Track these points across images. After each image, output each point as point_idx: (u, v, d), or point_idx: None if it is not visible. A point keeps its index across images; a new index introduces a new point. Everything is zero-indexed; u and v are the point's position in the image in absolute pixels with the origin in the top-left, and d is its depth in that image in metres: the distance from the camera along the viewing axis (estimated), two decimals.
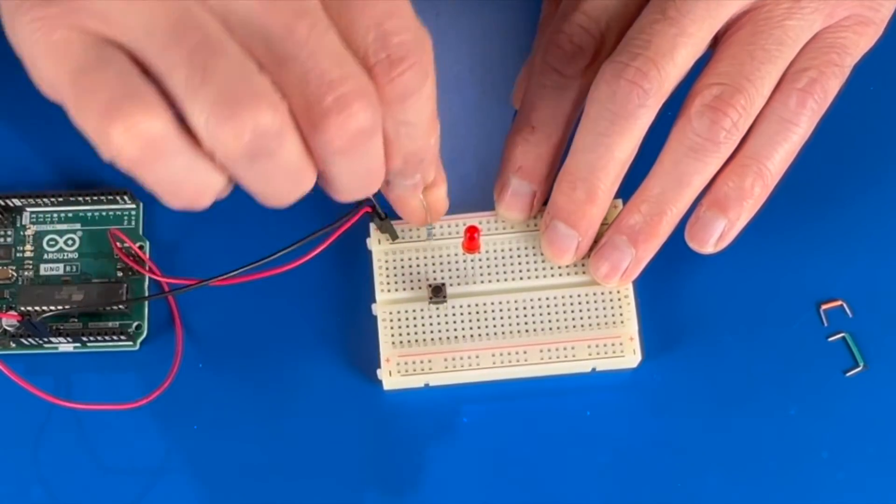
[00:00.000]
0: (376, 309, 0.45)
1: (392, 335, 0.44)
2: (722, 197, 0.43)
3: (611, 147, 0.42)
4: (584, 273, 0.45)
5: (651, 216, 0.43)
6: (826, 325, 0.46)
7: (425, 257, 0.45)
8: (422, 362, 0.44)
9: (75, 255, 0.47)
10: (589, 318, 0.44)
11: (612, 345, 0.44)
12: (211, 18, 0.31)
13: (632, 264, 0.44)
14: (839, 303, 0.46)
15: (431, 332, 0.44)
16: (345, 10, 0.32)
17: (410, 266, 0.45)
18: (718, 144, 0.41)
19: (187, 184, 0.33)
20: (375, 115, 0.32)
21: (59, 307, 0.45)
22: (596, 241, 0.44)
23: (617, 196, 0.44)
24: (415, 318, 0.44)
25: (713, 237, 0.43)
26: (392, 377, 0.44)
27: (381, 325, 0.44)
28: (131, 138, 0.31)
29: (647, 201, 0.43)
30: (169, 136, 0.31)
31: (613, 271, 0.44)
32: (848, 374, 0.46)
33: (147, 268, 0.46)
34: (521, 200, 0.45)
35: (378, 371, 0.44)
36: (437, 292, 0.44)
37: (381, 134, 0.34)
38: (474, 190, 0.47)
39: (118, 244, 0.46)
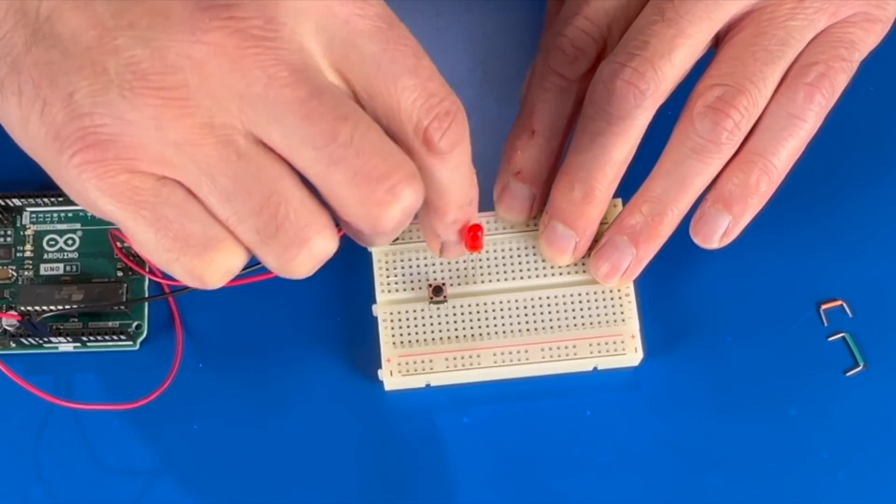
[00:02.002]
0: (377, 310, 0.45)
1: (393, 335, 0.44)
2: (727, 193, 0.43)
3: (608, 147, 0.42)
4: (584, 272, 0.45)
5: (652, 216, 0.43)
6: (826, 325, 0.46)
7: (425, 257, 0.45)
8: (423, 362, 0.44)
9: (75, 255, 0.47)
10: (590, 316, 0.44)
11: (614, 343, 0.44)
12: (260, 152, 0.33)
13: (632, 264, 0.44)
14: (839, 303, 0.46)
15: (432, 332, 0.44)
16: (383, 88, 0.34)
17: (411, 266, 0.45)
18: (720, 145, 0.41)
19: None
20: (420, 193, 0.35)
21: (59, 307, 0.45)
22: (595, 241, 0.44)
23: (616, 195, 0.44)
24: (415, 319, 0.44)
25: (718, 233, 0.43)
26: (393, 377, 0.44)
27: (381, 325, 0.44)
28: (215, 272, 0.35)
29: (648, 201, 0.43)
30: (243, 262, 0.35)
31: (614, 271, 0.44)
32: (848, 374, 0.46)
33: (147, 269, 0.46)
34: (520, 203, 0.45)
35: (379, 371, 0.44)
36: (438, 292, 0.44)
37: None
38: None
39: (118, 244, 0.46)
